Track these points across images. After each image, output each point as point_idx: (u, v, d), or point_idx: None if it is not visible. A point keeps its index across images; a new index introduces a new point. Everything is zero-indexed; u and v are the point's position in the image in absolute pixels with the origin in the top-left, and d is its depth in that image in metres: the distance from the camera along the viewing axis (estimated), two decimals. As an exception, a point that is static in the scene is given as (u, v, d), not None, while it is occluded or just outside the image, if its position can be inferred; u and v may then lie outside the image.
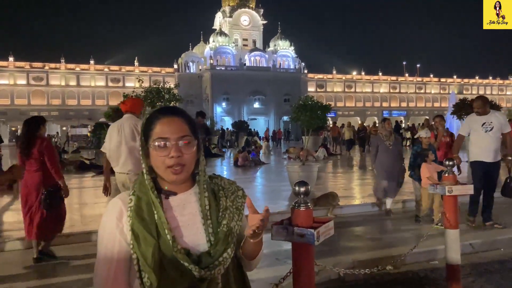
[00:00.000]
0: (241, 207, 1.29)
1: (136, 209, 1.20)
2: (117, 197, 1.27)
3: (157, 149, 1.20)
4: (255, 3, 70.11)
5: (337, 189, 8.40)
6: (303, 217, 2.08)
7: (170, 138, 1.20)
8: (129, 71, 61.66)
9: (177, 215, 1.23)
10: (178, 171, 1.20)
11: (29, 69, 57.48)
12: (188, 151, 1.21)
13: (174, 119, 1.23)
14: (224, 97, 61.18)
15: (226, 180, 1.34)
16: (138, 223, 1.17)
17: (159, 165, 1.21)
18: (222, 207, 1.25)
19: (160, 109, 1.28)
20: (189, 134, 1.23)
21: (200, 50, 66.31)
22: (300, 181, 2.19)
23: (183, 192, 1.26)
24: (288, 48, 66.92)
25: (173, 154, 1.19)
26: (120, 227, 1.20)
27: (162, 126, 1.21)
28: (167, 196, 1.24)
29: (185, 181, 1.25)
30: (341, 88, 70.64)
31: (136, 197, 1.22)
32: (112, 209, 1.23)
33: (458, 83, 77.64)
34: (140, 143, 1.25)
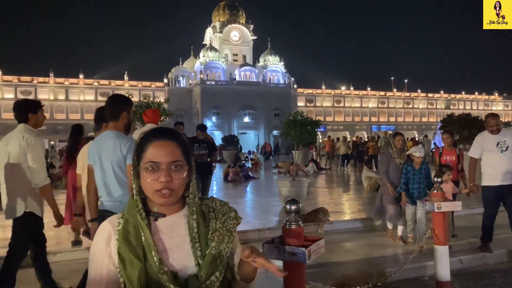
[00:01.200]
0: (233, 228, 1.28)
1: (124, 232, 1.19)
2: (106, 220, 1.26)
3: (147, 172, 1.19)
4: (245, 19, 70.87)
5: (327, 204, 8.40)
6: (294, 236, 2.08)
7: (161, 163, 1.19)
8: (119, 85, 61.52)
9: (165, 238, 1.22)
10: (167, 195, 1.19)
11: (17, 83, 57.08)
12: (178, 176, 1.20)
13: (166, 143, 1.22)
14: (214, 112, 61.29)
15: (218, 202, 1.32)
16: (125, 246, 1.17)
17: (148, 188, 1.20)
18: (211, 229, 1.24)
19: (154, 130, 1.26)
20: (181, 159, 1.22)
21: (190, 65, 66.57)
22: (291, 199, 2.20)
23: (173, 214, 1.25)
24: (278, 63, 67.52)
25: (162, 179, 1.18)
26: (109, 251, 1.19)
27: (154, 150, 1.20)
28: (156, 218, 1.23)
29: (174, 204, 1.24)
30: (330, 102, 71.26)
31: (124, 220, 1.21)
32: (101, 232, 1.23)
33: (445, 98, 78.86)
34: (132, 163, 1.25)
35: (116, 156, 2.95)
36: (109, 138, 3.01)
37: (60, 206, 4.45)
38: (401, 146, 5.98)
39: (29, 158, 3.50)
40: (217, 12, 70.37)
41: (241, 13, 70.67)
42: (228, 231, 1.26)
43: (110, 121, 3.13)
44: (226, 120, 60.70)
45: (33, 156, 3.51)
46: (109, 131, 3.06)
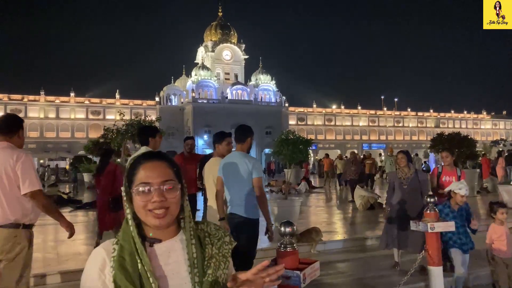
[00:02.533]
0: (228, 254, 1.26)
1: (119, 259, 1.15)
2: (100, 246, 1.23)
3: (139, 194, 1.17)
4: (237, 39, 71.65)
5: (320, 223, 8.36)
6: (288, 259, 2.06)
7: (153, 183, 1.17)
8: (110, 103, 61.41)
9: (161, 264, 1.19)
10: (161, 215, 1.17)
11: (7, 101, 56.69)
12: (171, 196, 1.19)
13: (157, 164, 1.21)
14: (205, 130, 61.27)
15: (213, 226, 1.30)
16: (121, 274, 1.13)
17: (140, 210, 1.18)
18: (207, 255, 1.22)
19: (143, 154, 1.26)
20: (173, 179, 1.21)
21: (182, 84, 66.80)
22: (286, 221, 2.18)
23: (168, 239, 1.22)
24: (269, 82, 68.06)
25: (155, 199, 1.16)
26: (103, 278, 1.16)
27: (145, 171, 1.19)
28: (152, 244, 1.20)
29: (169, 225, 1.22)
30: (322, 121, 71.72)
31: (119, 246, 1.18)
32: (95, 259, 1.19)
33: (435, 117, 79.80)
34: (124, 189, 1.23)
35: (244, 170, 3.86)
36: (239, 157, 3.95)
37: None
38: (403, 165, 5.48)
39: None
40: (209, 32, 71.08)
41: (233, 32, 71.46)
42: (224, 257, 1.24)
43: (238, 143, 4.10)
44: (217, 139, 60.64)
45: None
46: (236, 152, 4.05)
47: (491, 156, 30.99)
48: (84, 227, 8.74)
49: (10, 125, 3.39)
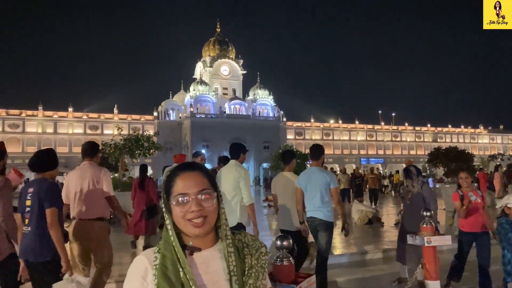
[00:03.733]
0: (265, 265, 1.27)
1: (162, 267, 1.17)
2: (142, 254, 1.25)
3: (178, 204, 1.20)
4: (234, 54, 72.27)
5: (318, 238, 8.32)
6: (285, 272, 2.06)
7: (190, 193, 1.20)
8: (108, 118, 61.49)
9: (201, 273, 1.21)
10: (200, 224, 1.19)
11: (5, 116, 56.75)
12: (208, 204, 1.21)
13: (193, 174, 1.24)
14: (203, 144, 61.31)
15: (250, 237, 1.32)
16: (164, 283, 1.15)
17: (180, 220, 1.21)
18: (248, 265, 1.23)
19: (179, 165, 1.29)
20: (209, 187, 1.23)
21: (180, 98, 67.08)
22: (282, 235, 2.19)
23: (207, 248, 1.24)
24: (267, 97, 68.40)
25: (194, 209, 1.19)
26: (145, 286, 1.18)
27: (181, 182, 1.22)
28: (192, 252, 1.22)
29: (208, 234, 1.24)
30: (319, 135, 71.88)
31: (161, 255, 1.19)
32: (137, 267, 1.21)
33: (432, 132, 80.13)
34: (163, 200, 1.26)
35: (323, 182, 4.78)
36: (317, 171, 4.92)
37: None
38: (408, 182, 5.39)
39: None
40: (207, 47, 71.70)
41: (231, 48, 72.11)
42: (262, 268, 1.25)
43: (312, 160, 5.17)
44: (216, 153, 60.55)
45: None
46: (314, 167, 5.02)
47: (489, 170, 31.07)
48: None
49: (94, 150, 4.47)
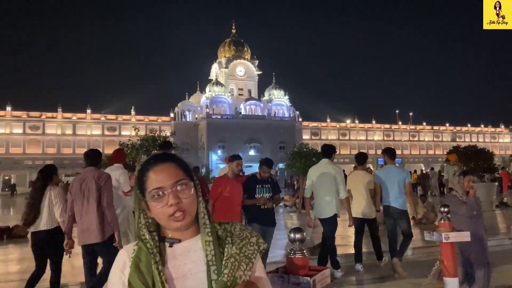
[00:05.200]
0: (252, 255, 1.21)
1: (136, 259, 1.16)
2: (124, 248, 1.24)
3: (155, 200, 1.16)
4: (250, 55, 72.37)
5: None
6: (298, 265, 2.05)
7: (165, 186, 1.16)
8: (126, 120, 62.25)
9: (180, 264, 1.18)
10: (180, 218, 1.16)
11: (25, 118, 57.95)
12: (186, 195, 1.17)
13: (165, 166, 1.19)
14: (219, 145, 61.55)
15: (239, 226, 1.26)
16: (135, 275, 1.14)
17: (160, 216, 1.17)
18: (226, 254, 1.18)
19: (150, 158, 1.23)
20: (184, 177, 1.19)
21: (196, 100, 67.49)
22: (296, 227, 2.18)
23: (188, 239, 1.21)
24: (283, 97, 68.28)
25: (171, 202, 1.15)
26: (123, 279, 1.17)
27: (155, 175, 1.18)
28: (171, 244, 1.19)
29: (189, 227, 1.20)
30: (336, 136, 71.43)
31: (138, 247, 1.18)
32: (117, 261, 1.21)
33: (451, 131, 78.82)
34: (135, 196, 1.22)
35: (401, 177, 5.92)
36: (394, 169, 6.09)
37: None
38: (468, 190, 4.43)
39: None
40: (222, 48, 72.00)
41: (246, 49, 72.25)
42: (247, 258, 1.19)
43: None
44: (231, 154, 60.70)
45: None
46: (392, 165, 6.17)
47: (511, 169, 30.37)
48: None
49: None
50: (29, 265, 6.88)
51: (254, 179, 5.33)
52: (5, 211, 21.66)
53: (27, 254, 8.12)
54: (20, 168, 53.98)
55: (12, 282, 5.76)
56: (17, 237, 9.83)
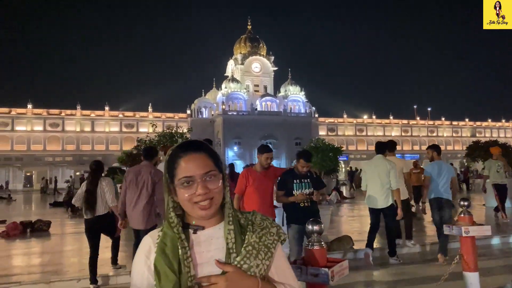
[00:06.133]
0: (272, 245, 1.23)
1: (161, 244, 1.19)
2: (148, 234, 1.27)
3: (183, 187, 1.19)
4: (265, 51, 72.23)
5: (351, 233, 8.23)
6: (316, 257, 2.05)
7: (195, 176, 1.19)
8: (143, 116, 62.91)
9: (203, 251, 1.21)
10: (206, 207, 1.19)
11: (46, 116, 59.06)
12: (214, 186, 1.20)
13: (197, 156, 1.22)
14: (235, 141, 61.75)
15: (260, 216, 1.28)
16: (161, 259, 1.16)
17: (186, 204, 1.20)
18: (246, 242, 1.20)
19: (182, 144, 1.26)
20: (213, 169, 1.22)
21: (212, 96, 67.75)
22: (313, 219, 2.18)
23: (211, 226, 1.24)
24: (299, 93, 68.02)
25: (200, 192, 1.17)
26: (148, 264, 1.20)
27: (186, 164, 1.20)
28: (195, 231, 1.22)
29: (213, 215, 1.23)
30: (353, 131, 70.86)
31: (163, 233, 1.21)
32: (142, 246, 1.24)
33: (471, 126, 77.42)
34: (164, 181, 1.25)
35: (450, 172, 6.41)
36: (444, 164, 6.37)
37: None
38: None
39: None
40: (238, 45, 72.03)
41: (261, 45, 72.13)
42: (266, 247, 1.21)
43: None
44: (247, 150, 60.98)
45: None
46: (440, 161, 6.51)
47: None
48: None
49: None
50: (51, 258, 7.06)
51: (292, 174, 4.82)
52: (27, 206, 22.16)
53: (49, 248, 8.33)
54: (41, 164, 55.11)
55: (35, 274, 5.89)
56: (39, 231, 10.06)
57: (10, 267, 6.54)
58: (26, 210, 19.37)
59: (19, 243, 8.92)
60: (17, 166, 54.27)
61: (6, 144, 56.59)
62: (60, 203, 18.59)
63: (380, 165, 6.13)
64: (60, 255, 7.44)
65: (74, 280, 5.27)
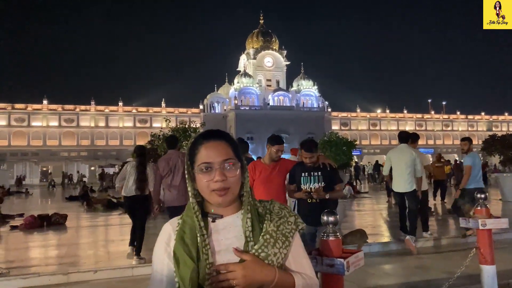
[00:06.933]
0: (289, 234, 1.24)
1: (180, 232, 1.21)
2: (168, 222, 1.30)
3: (202, 173, 1.22)
4: (278, 45, 71.94)
5: (365, 227, 8.19)
6: (332, 247, 2.04)
7: (214, 162, 1.21)
8: (156, 112, 63.33)
9: (221, 239, 1.23)
10: (223, 194, 1.21)
11: (61, 111, 59.86)
12: (232, 174, 1.22)
13: (217, 143, 1.25)
14: (248, 136, 61.78)
15: (278, 205, 1.30)
16: (180, 246, 1.19)
17: (204, 189, 1.23)
18: (264, 231, 1.22)
19: (204, 133, 1.30)
20: (233, 157, 1.24)
21: (225, 91, 67.85)
22: (329, 210, 2.17)
23: (230, 215, 1.26)
24: (311, 87, 67.68)
25: (217, 178, 1.20)
26: (168, 251, 1.22)
27: (206, 151, 1.23)
28: (214, 219, 1.24)
29: (231, 203, 1.25)
30: (366, 126, 70.33)
31: (182, 221, 1.24)
32: (163, 234, 1.27)
33: (487, 120, 76.20)
34: (186, 167, 1.28)
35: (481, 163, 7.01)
36: (477, 156, 7.33)
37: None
38: None
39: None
40: (250, 39, 71.87)
41: (274, 39, 71.86)
42: (284, 236, 1.23)
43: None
44: (260, 145, 60.98)
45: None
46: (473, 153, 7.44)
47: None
48: (133, 228, 9.04)
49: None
50: (67, 250, 7.18)
51: (301, 166, 4.28)
52: (43, 200, 22.54)
53: (65, 240, 8.47)
54: (56, 159, 55.96)
55: (53, 265, 6.00)
56: (56, 224, 10.23)
57: (29, 259, 6.67)
58: (43, 204, 19.71)
59: (37, 235, 9.08)
60: (33, 161, 55.17)
61: (23, 140, 57.57)
62: (76, 197, 18.87)
63: (406, 153, 6.60)
64: (77, 247, 7.56)
65: (91, 271, 5.35)
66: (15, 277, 5.12)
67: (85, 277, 5.23)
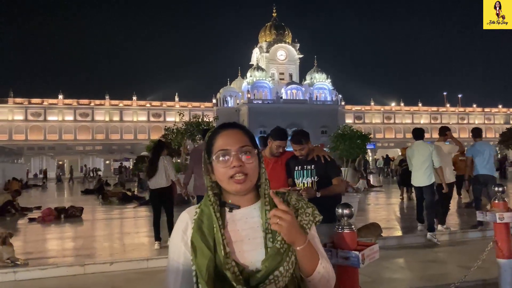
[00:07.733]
0: (307, 225, 1.25)
1: (198, 221, 1.23)
2: (186, 210, 1.31)
3: (219, 161, 1.23)
4: (291, 38, 71.56)
5: (379, 220, 8.13)
6: (347, 240, 2.03)
7: (231, 149, 1.22)
8: (170, 106, 63.67)
9: (238, 229, 1.23)
10: (241, 181, 1.21)
11: (76, 106, 60.62)
12: (249, 161, 1.23)
13: (233, 131, 1.27)
14: (261, 130, 61.73)
15: (294, 197, 1.31)
16: (197, 236, 1.20)
17: (222, 178, 1.23)
18: None
19: (221, 124, 1.32)
20: (249, 144, 1.25)
21: (238, 85, 67.85)
22: (343, 203, 2.16)
23: (247, 206, 1.26)
24: (325, 80, 67.26)
25: (234, 164, 1.21)
26: (185, 239, 1.23)
27: (222, 139, 1.25)
28: (231, 210, 1.25)
29: (248, 191, 1.25)
30: (380, 119, 69.72)
31: (200, 210, 1.25)
32: (180, 222, 1.28)
33: (504, 113, 74.86)
34: (203, 160, 1.30)
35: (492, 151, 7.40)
36: (486, 145, 7.43)
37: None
38: None
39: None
40: (263, 33, 71.61)
41: (287, 32, 71.49)
42: (301, 227, 1.22)
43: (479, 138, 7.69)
44: (273, 139, 60.94)
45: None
46: (483, 143, 7.52)
47: None
48: (147, 221, 9.14)
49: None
50: (84, 242, 7.30)
51: (295, 160, 3.89)
52: (60, 193, 22.91)
53: (82, 233, 8.61)
54: (72, 153, 56.77)
55: (70, 257, 6.11)
56: (73, 217, 10.39)
57: (46, 250, 6.80)
58: (60, 197, 20.03)
59: (54, 227, 9.25)
60: (50, 155, 56.06)
61: (40, 134, 58.49)
62: (91, 191, 19.13)
63: (422, 148, 6.82)
64: (93, 239, 7.67)
65: (107, 263, 5.43)
66: (34, 268, 5.23)
67: (101, 269, 5.32)
